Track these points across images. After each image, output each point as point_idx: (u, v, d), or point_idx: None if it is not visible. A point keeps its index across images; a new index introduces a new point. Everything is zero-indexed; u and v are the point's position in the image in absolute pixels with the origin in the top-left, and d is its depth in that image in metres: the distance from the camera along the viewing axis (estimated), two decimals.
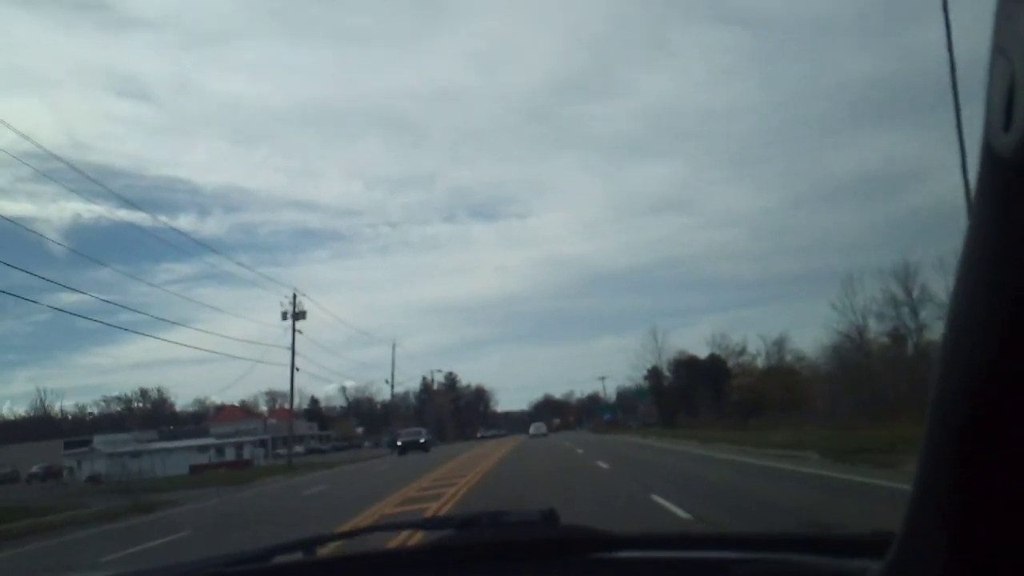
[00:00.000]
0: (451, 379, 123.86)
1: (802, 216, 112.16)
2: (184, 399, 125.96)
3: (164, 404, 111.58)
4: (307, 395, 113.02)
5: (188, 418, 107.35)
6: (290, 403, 57.56)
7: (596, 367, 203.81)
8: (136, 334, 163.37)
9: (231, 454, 70.10)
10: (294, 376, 49.69)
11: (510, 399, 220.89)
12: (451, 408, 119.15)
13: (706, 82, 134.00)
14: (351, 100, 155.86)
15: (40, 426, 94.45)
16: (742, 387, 60.36)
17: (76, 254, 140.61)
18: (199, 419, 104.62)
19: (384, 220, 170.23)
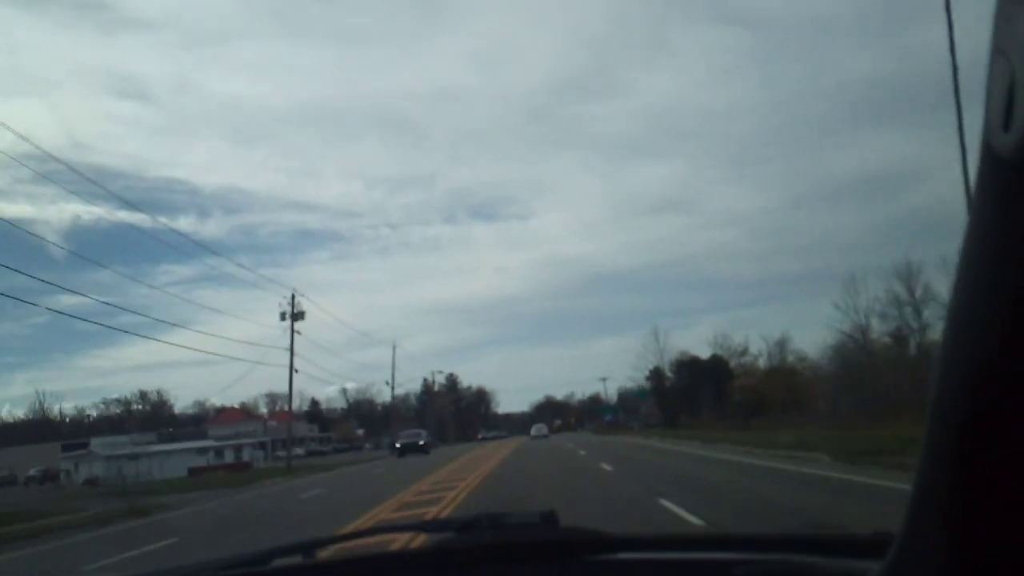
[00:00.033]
0: (452, 380, 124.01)
1: (802, 216, 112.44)
2: (184, 401, 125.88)
3: (163, 406, 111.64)
4: (308, 397, 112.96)
5: (188, 420, 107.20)
6: (289, 405, 57.47)
7: (597, 368, 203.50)
8: (136, 336, 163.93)
9: (230, 456, 69.85)
10: (293, 377, 49.62)
11: (511, 400, 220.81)
12: (452, 410, 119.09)
13: (706, 82, 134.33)
14: (351, 100, 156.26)
15: (39, 429, 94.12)
16: (744, 388, 60.33)
17: (75, 256, 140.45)
18: (199, 421, 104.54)
19: (384, 221, 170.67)
